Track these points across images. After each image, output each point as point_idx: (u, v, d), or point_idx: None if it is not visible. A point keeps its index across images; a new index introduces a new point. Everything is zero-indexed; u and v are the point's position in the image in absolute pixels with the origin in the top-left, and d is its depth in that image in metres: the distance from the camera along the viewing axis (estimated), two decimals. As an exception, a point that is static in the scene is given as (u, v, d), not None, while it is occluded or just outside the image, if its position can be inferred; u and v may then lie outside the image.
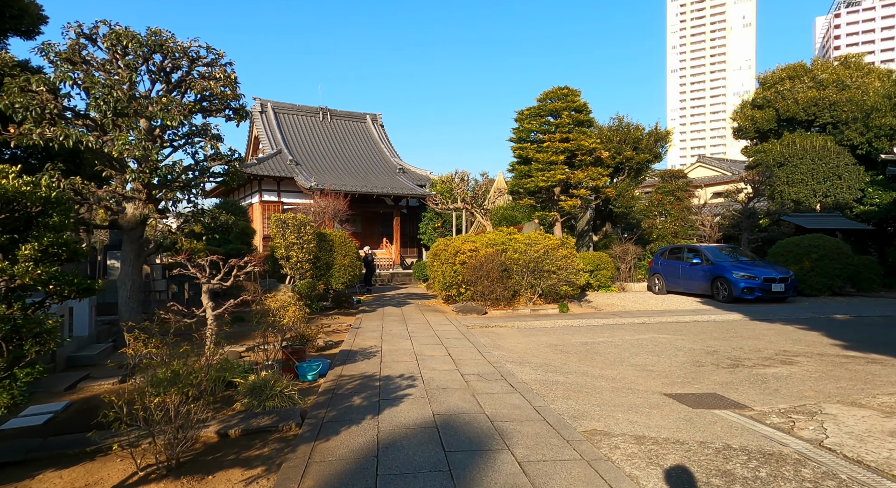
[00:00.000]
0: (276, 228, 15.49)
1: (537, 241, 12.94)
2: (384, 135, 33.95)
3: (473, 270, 12.02)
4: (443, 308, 13.16)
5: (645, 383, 5.58)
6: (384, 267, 28.07)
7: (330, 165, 29.15)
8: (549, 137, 15.62)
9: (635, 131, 18.23)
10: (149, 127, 7.76)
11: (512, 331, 9.33)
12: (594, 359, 6.85)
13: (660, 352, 7.14)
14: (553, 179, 15.09)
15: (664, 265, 15.36)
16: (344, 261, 17.10)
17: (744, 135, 21.89)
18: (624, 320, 10.34)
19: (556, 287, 12.48)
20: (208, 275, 7.40)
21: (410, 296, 17.31)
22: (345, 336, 9.16)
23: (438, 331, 9.33)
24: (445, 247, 13.34)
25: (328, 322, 11.07)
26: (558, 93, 15.78)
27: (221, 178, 8.75)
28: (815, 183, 17.40)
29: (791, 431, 3.99)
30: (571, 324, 10.10)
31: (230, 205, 18.89)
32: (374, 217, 30.21)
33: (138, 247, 8.23)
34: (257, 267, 7.35)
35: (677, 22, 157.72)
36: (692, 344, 7.75)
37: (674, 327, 9.49)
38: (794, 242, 14.02)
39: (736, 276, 12.70)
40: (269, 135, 29.18)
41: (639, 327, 9.59)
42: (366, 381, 5.66)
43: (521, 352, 7.35)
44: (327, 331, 10.00)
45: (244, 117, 8.96)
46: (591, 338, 8.40)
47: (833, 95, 18.71)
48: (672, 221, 18.02)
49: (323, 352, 7.76)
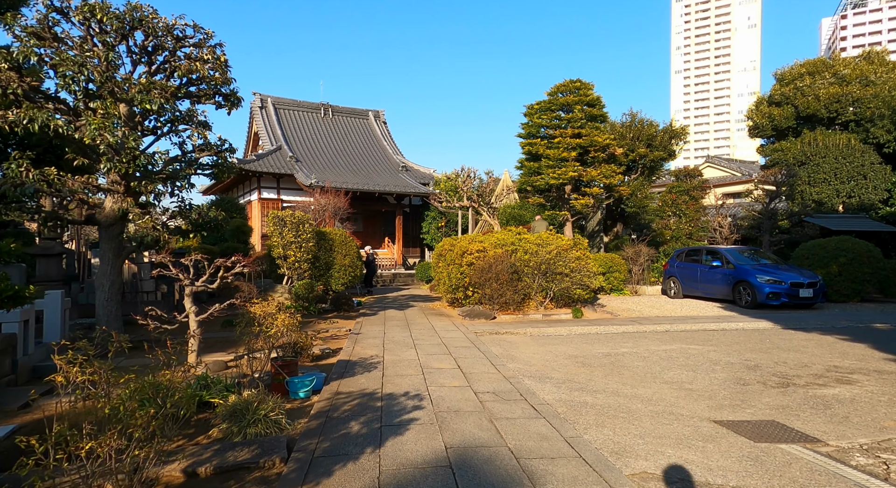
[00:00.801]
0: (274, 226, 14.79)
1: (549, 242, 12.20)
2: (387, 131, 33.22)
3: (481, 272, 11.28)
4: (448, 311, 12.43)
5: (687, 406, 4.83)
6: (386, 267, 27.34)
7: (331, 162, 28.43)
8: (561, 133, 14.87)
9: (649, 127, 17.47)
10: (129, 112, 7.03)
11: (525, 340, 8.59)
12: (622, 373, 6.10)
13: (694, 367, 6.39)
14: (564, 176, 14.34)
15: (680, 268, 14.60)
16: (344, 261, 16.37)
17: (760, 133, 21.09)
18: (645, 327, 9.59)
19: (568, 290, 11.73)
20: (192, 277, 6.68)
21: (413, 298, 16.58)
22: (343, 343, 8.42)
23: (445, 338, 8.60)
24: (451, 247, 12.60)
25: (326, 326, 10.34)
26: (570, 86, 15.03)
27: (210, 171, 8.02)
28: (838, 183, 16.60)
29: (889, 478, 3.24)
30: (588, 331, 9.36)
31: (226, 202, 18.18)
32: (375, 216, 29.49)
33: (118, 245, 7.51)
34: (247, 267, 6.62)
35: (682, 23, 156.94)
36: (728, 356, 6.99)
37: (701, 336, 8.73)
38: (820, 245, 13.24)
39: (760, 281, 11.94)
40: (269, 131, 28.48)
41: (663, 336, 8.84)
42: (365, 401, 4.92)
43: (538, 365, 6.60)
44: (325, 336, 9.27)
45: (236, 104, 8.23)
46: (613, 349, 7.65)
47: (857, 91, 17.90)
48: (687, 222, 17.26)
49: (319, 363, 7.03)
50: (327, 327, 10.24)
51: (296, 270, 14.99)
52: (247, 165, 24.27)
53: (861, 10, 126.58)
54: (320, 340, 8.73)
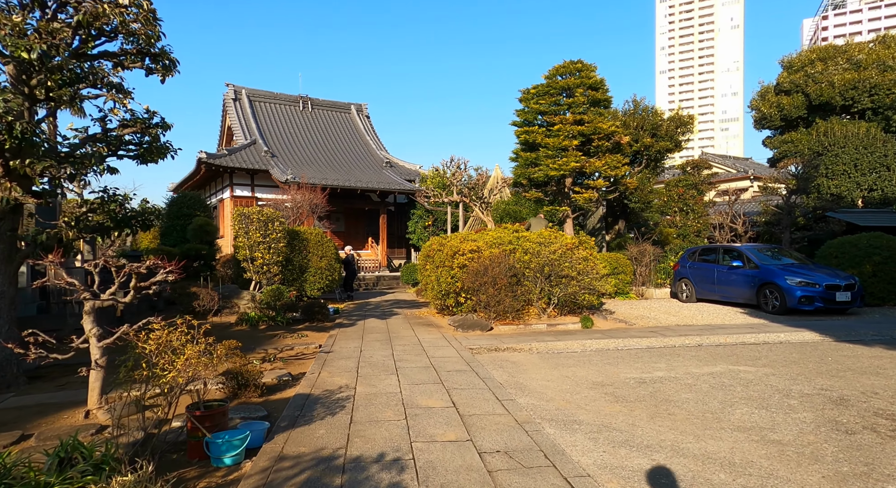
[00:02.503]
0: (238, 225, 13.08)
1: (552, 240, 10.69)
2: (370, 126, 31.53)
3: (475, 275, 9.72)
4: (437, 320, 10.84)
5: (794, 476, 3.30)
6: (369, 269, 25.66)
7: (310, 158, 26.66)
8: (561, 119, 13.36)
9: (654, 116, 16.08)
10: (18, 71, 5.33)
11: (532, 359, 7.03)
12: (672, 413, 4.57)
13: (763, 402, 4.89)
14: (566, 167, 12.84)
15: (693, 268, 13.19)
16: (320, 263, 14.70)
17: (767, 124, 19.83)
18: (670, 340, 8.10)
19: (575, 296, 10.23)
20: (96, 287, 5.01)
21: (398, 303, 14.95)
22: (309, 365, 6.79)
23: (435, 357, 7.01)
24: (441, 247, 11.03)
25: (292, 342, 8.67)
26: (571, 67, 13.54)
27: (135, 151, 6.32)
28: (858, 175, 15.35)
29: None
30: (605, 345, 7.83)
31: (188, 198, 16.37)
32: (358, 214, 27.78)
33: (9, 247, 5.79)
34: (173, 274, 4.97)
35: (666, 23, 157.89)
36: (795, 383, 5.51)
37: (744, 353, 7.26)
38: (850, 242, 11.92)
39: (790, 283, 10.55)
40: (244, 125, 26.62)
41: (698, 352, 7.34)
42: (319, 474, 3.31)
43: (558, 400, 5.05)
44: (287, 355, 7.61)
45: (170, 68, 6.54)
46: (645, 372, 6.13)
47: (875, 77, 16.71)
48: (695, 218, 15.89)
49: (270, 398, 5.38)
50: (293, 342, 8.58)
51: (264, 274, 13.30)
52: (217, 160, 22.43)
53: (841, 10, 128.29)
54: (280, 362, 7.09)
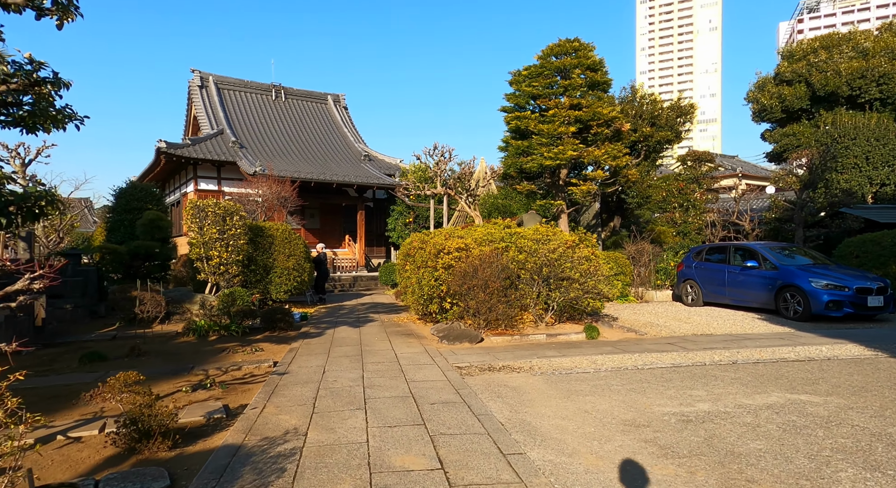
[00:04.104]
0: (192, 218, 11.46)
1: (549, 237, 9.35)
2: (348, 118, 29.90)
3: (463, 278, 8.32)
4: (418, 329, 9.41)
5: None
6: (346, 269, 24.10)
7: (282, 149, 24.95)
8: (556, 103, 12.03)
9: (653, 104, 14.89)
10: None
11: (537, 384, 5.64)
12: (753, 481, 3.22)
13: (866, 455, 3.58)
14: (562, 156, 11.52)
15: (701, 269, 12.00)
16: (287, 262, 13.13)
17: (768, 116, 18.82)
18: (695, 355, 6.81)
19: (578, 301, 8.90)
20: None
21: (375, 307, 13.48)
22: (253, 394, 5.30)
23: (415, 381, 5.59)
24: (423, 244, 9.60)
25: (241, 359, 7.14)
26: (567, 46, 12.21)
27: (11, 114, 4.75)
28: (870, 168, 14.38)
29: None
30: (621, 363, 6.50)
31: (139, 190, 14.61)
32: (334, 211, 26.17)
33: None
34: (41, 282, 3.46)
35: (646, 24, 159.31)
36: (890, 422, 4.22)
37: (792, 373, 5.99)
38: (872, 240, 10.86)
39: (816, 286, 9.39)
40: (211, 114, 24.78)
41: (735, 372, 6.05)
42: None
43: (583, 453, 3.67)
44: (233, 377, 6.09)
45: (68, 8, 4.97)
46: (685, 403, 4.79)
47: (884, 65, 15.80)
48: (696, 215, 14.75)
49: (185, 450, 3.88)
50: (243, 359, 7.05)
51: (222, 275, 11.69)
52: (178, 151, 20.60)
53: (816, 14, 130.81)
54: (219, 388, 5.57)
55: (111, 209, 14.38)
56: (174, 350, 7.88)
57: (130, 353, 7.24)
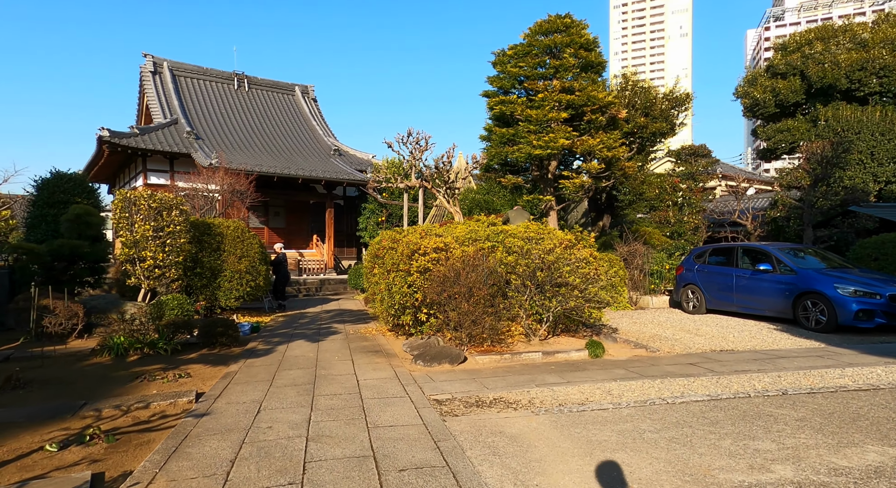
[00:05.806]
0: (120, 213, 9.74)
1: (542, 236, 7.97)
2: (317, 110, 28.12)
3: (443, 284, 6.85)
4: (388, 344, 7.89)
5: None
6: (313, 271, 22.34)
7: (243, 142, 23.05)
8: (546, 86, 10.69)
9: (646, 93, 13.74)
10: None
11: (543, 429, 4.21)
12: None
13: None
14: (554, 145, 10.17)
15: (704, 273, 10.83)
16: (239, 264, 11.43)
17: (759, 111, 17.93)
18: (731, 382, 5.50)
19: (578, 311, 7.54)
20: None
21: (341, 315, 11.89)
22: (150, 451, 3.71)
23: (380, 427, 4.08)
24: (394, 244, 8.10)
25: (157, 390, 5.49)
26: (557, 23, 10.88)
27: None
28: (875, 165, 13.53)
29: None
30: (644, 394, 5.13)
31: (66, 181, 12.66)
32: (301, 208, 24.39)
33: None
34: None
35: (619, 29, 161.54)
36: None
37: (870, 412, 4.71)
38: (893, 241, 9.86)
39: (843, 293, 8.25)
40: (165, 102, 22.70)
41: (794, 410, 4.74)
42: None
43: None
44: (131, 422, 4.45)
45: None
46: (757, 468, 3.44)
47: (885, 57, 15.02)
48: (692, 214, 13.65)
49: None
50: (157, 392, 5.41)
51: (158, 280, 9.98)
52: (124, 140, 18.54)
53: (782, 23, 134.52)
54: (102, 442, 3.97)
55: (32, 202, 12.40)
56: (74, 377, 6.17)
57: (5, 385, 5.51)
